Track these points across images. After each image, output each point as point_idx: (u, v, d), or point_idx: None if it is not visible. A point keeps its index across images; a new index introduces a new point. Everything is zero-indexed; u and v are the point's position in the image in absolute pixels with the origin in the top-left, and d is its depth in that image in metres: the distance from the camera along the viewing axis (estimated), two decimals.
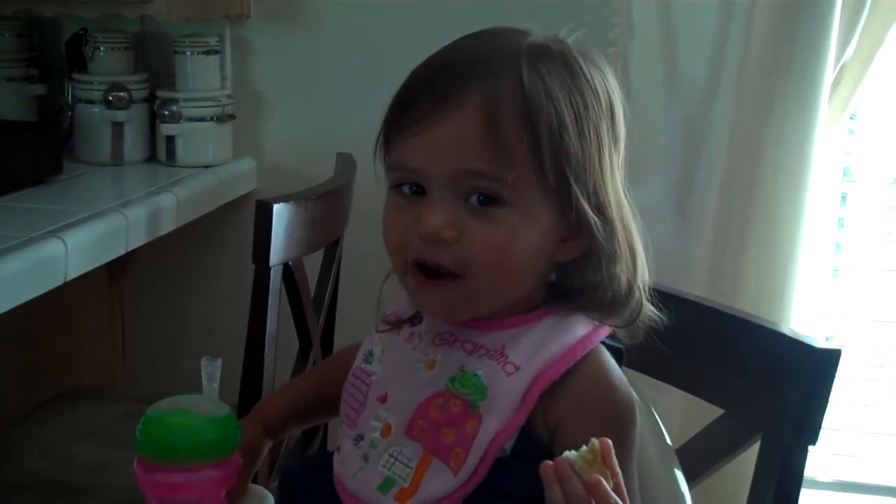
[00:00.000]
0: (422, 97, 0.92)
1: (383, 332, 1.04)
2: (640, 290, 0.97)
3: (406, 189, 0.94)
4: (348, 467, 0.99)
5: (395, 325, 1.03)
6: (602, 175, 0.94)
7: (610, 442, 0.82)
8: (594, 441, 0.82)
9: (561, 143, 0.90)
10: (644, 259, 0.97)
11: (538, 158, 0.89)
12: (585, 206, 0.92)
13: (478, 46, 0.95)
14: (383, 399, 0.99)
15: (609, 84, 0.96)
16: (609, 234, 0.94)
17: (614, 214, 0.94)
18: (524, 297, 0.96)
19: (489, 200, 0.90)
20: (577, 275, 0.96)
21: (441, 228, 0.90)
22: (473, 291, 0.92)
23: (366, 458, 0.97)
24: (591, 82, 0.94)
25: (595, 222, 0.92)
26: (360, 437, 0.99)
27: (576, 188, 0.91)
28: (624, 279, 0.95)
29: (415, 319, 1.03)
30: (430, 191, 0.92)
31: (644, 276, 0.97)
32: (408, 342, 1.01)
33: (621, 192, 0.96)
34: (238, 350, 1.53)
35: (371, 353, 1.04)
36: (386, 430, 0.97)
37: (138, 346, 2.31)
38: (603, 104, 0.94)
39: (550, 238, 0.93)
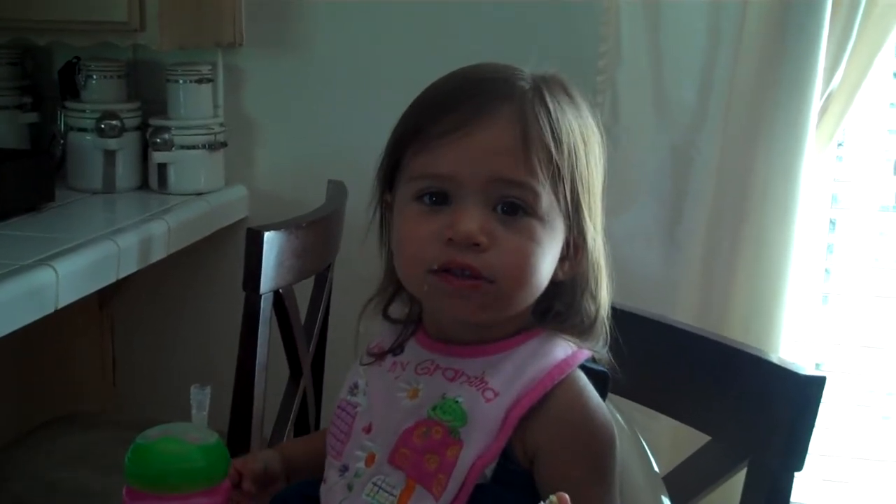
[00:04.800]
0: (450, 110, 0.94)
1: (368, 364, 1.05)
2: (606, 316, 1.00)
3: (427, 199, 0.95)
4: (333, 497, 1.00)
5: (379, 356, 1.04)
6: (599, 199, 0.98)
7: (567, 497, 0.80)
8: (552, 498, 0.81)
9: (576, 162, 0.95)
10: (611, 287, 1.01)
11: (561, 173, 0.94)
12: (589, 223, 0.96)
13: (495, 69, 0.98)
14: (368, 429, 1.00)
15: (595, 116, 1.00)
16: (600, 255, 0.98)
17: (601, 237, 0.99)
18: (515, 317, 0.98)
19: (514, 209, 0.93)
20: (559, 297, 0.99)
21: (476, 233, 0.92)
22: (502, 295, 0.94)
23: (350, 487, 0.98)
24: (588, 113, 0.99)
25: (594, 240, 0.97)
26: (344, 468, 1.00)
27: (583, 206, 0.96)
28: (599, 301, 0.99)
29: (397, 349, 1.03)
30: (459, 198, 0.94)
31: (609, 302, 1.01)
32: (391, 372, 1.02)
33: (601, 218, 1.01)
34: (228, 377, 1.53)
35: (356, 386, 1.05)
36: (370, 460, 0.98)
37: (129, 373, 2.31)
38: (596, 134, 0.99)
39: (559, 254, 0.97)
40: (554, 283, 0.98)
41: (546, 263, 0.95)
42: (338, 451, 1.02)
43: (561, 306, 0.99)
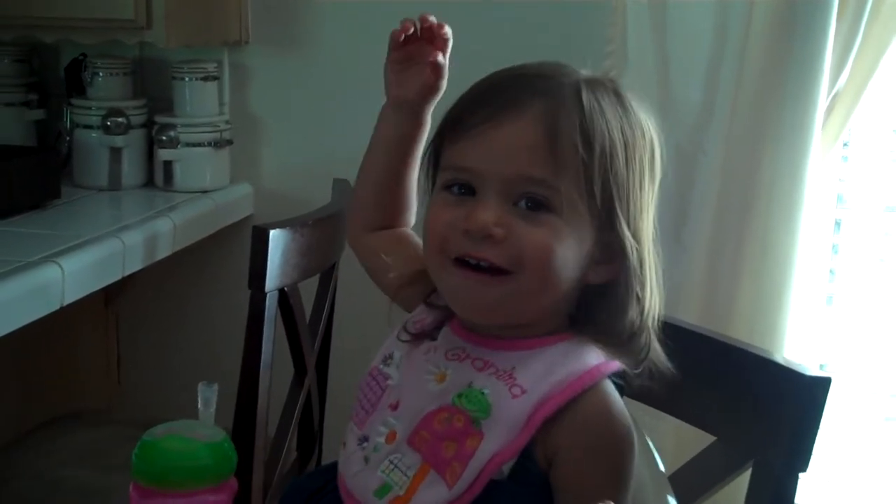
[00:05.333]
0: (483, 103, 0.95)
1: (405, 341, 1.04)
2: (651, 330, 0.98)
3: (455, 189, 0.96)
4: (350, 466, 1.00)
5: (418, 337, 1.04)
6: (641, 205, 0.97)
7: None
8: None
9: (611, 163, 0.94)
10: (659, 300, 0.99)
11: (589, 173, 0.93)
12: (625, 227, 0.95)
13: (539, 68, 0.98)
14: (395, 406, 1.00)
15: (652, 126, 1.00)
16: (640, 262, 0.96)
17: (646, 246, 0.97)
18: (546, 316, 0.97)
19: (537, 206, 0.93)
20: (599, 306, 0.98)
21: (491, 225, 0.92)
22: (519, 289, 0.94)
23: (367, 460, 0.99)
24: (639, 119, 0.98)
25: (631, 246, 0.95)
26: (364, 439, 1.01)
27: (618, 209, 0.95)
28: (640, 315, 0.97)
29: (434, 334, 1.03)
30: (482, 191, 0.94)
31: (657, 316, 0.99)
32: (424, 354, 1.02)
33: (653, 230, 0.99)
34: (233, 375, 1.53)
35: (391, 356, 1.05)
36: (391, 437, 0.98)
37: (134, 370, 2.32)
38: (647, 141, 0.98)
39: (587, 256, 0.95)
40: (588, 288, 0.97)
41: (568, 260, 0.94)
42: (361, 420, 1.02)
43: (600, 315, 0.97)
